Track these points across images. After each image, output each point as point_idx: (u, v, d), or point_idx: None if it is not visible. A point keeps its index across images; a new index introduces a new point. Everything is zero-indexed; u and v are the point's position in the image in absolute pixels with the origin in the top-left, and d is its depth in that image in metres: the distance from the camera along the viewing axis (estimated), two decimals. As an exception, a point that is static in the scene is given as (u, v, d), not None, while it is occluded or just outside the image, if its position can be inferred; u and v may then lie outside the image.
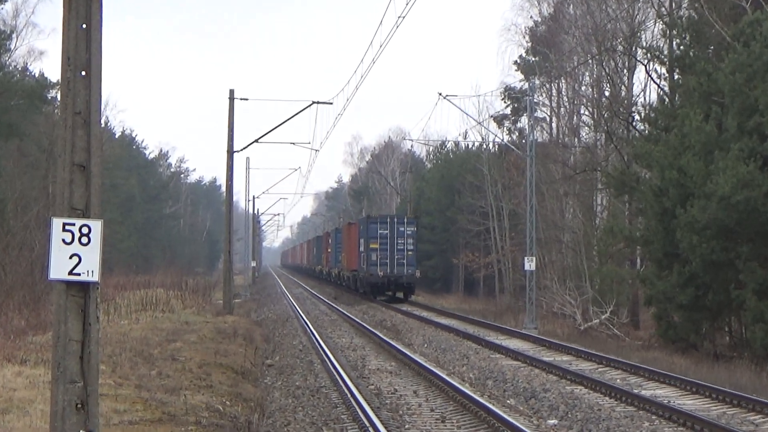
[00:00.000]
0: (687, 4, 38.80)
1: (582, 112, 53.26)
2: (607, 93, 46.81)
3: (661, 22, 40.46)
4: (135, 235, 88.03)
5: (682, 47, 35.44)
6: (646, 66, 42.37)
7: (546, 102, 59.23)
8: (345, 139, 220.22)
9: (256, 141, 44.69)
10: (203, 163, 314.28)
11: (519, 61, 62.80)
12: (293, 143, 52.38)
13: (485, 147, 66.35)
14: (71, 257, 8.35)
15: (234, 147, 43.24)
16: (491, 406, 17.41)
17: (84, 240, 8.38)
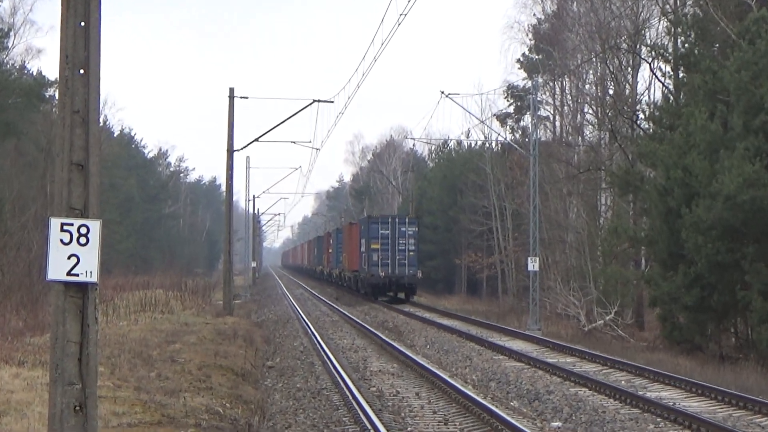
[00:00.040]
0: (692, 1, 38.77)
1: (586, 110, 53.29)
2: (611, 91, 46.79)
3: (666, 19, 40.47)
4: (134, 236, 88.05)
5: (686, 45, 35.41)
6: (650, 64, 42.37)
7: (549, 100, 59.30)
8: (346, 138, 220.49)
9: (256, 140, 44.67)
10: (203, 163, 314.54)
11: (522, 59, 62.80)
12: (294, 142, 52.21)
13: (488, 146, 66.33)
14: (69, 258, 8.34)
15: (234, 146, 43.27)
16: (494, 408, 17.41)
17: (82, 240, 8.37)
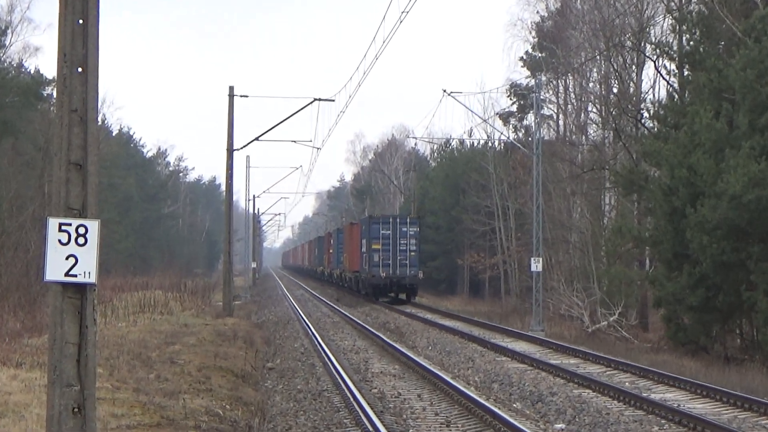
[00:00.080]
0: (697, -2, 38.77)
1: (589, 109, 53.29)
2: (616, 90, 46.80)
3: (671, 17, 40.42)
4: (133, 236, 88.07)
5: (692, 43, 35.41)
6: (655, 62, 42.39)
7: (553, 99, 59.31)
8: (347, 137, 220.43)
9: (256, 139, 44.66)
10: (202, 162, 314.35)
11: (525, 57, 62.79)
12: (294, 141, 52.05)
13: (491, 145, 66.33)
14: (67, 258, 8.35)
15: (234, 145, 43.27)
16: (497, 410, 17.41)
17: (80, 240, 8.38)
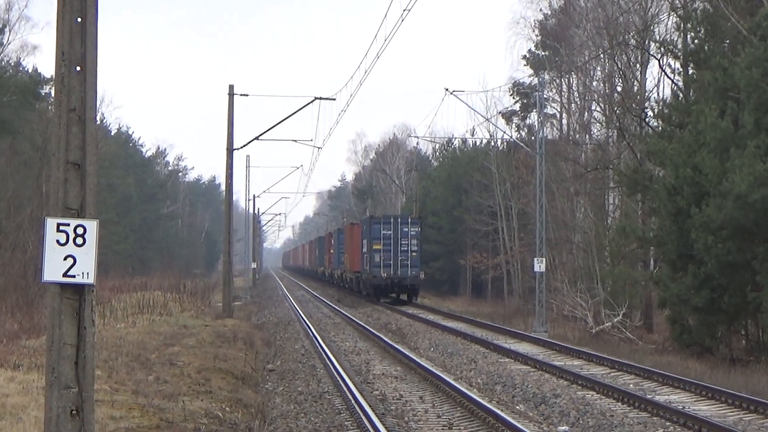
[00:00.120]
0: (702, -4, 38.75)
1: (593, 108, 53.27)
2: (619, 88, 46.79)
3: (675, 14, 40.42)
4: (131, 236, 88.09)
5: (696, 41, 35.38)
6: (659, 60, 42.40)
7: (556, 98, 59.27)
8: (348, 137, 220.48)
9: (256, 138, 44.64)
10: (202, 161, 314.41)
11: (528, 56, 62.83)
12: (295, 141, 51.83)
13: (493, 144, 66.38)
14: (66, 259, 8.35)
15: (234, 144, 43.26)
16: (500, 412, 17.40)
17: (79, 241, 8.38)
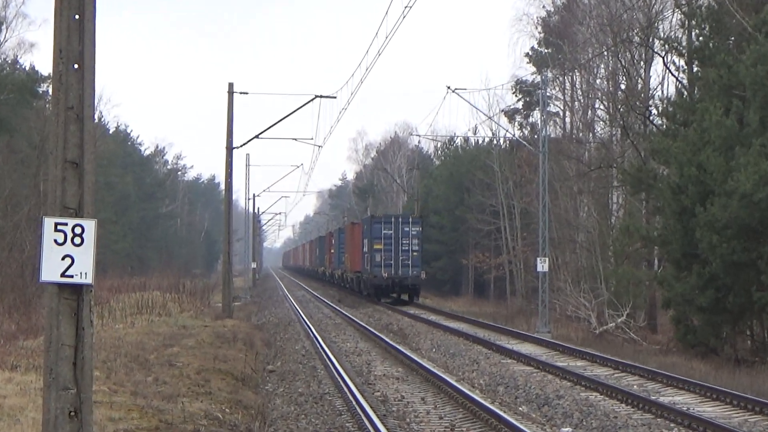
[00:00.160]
0: (707, -8, 38.73)
1: (597, 106, 53.26)
2: (623, 86, 46.77)
3: (680, 11, 40.39)
4: (130, 236, 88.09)
5: (701, 38, 35.37)
6: (663, 58, 42.33)
7: (559, 96, 59.28)
8: (349, 135, 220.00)
9: (256, 137, 44.64)
10: (201, 160, 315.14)
11: (531, 53, 62.77)
12: (295, 139, 51.84)
13: (496, 143, 66.35)
14: (64, 258, 8.35)
15: (233, 143, 43.27)
16: (502, 413, 17.40)
17: (77, 240, 8.38)
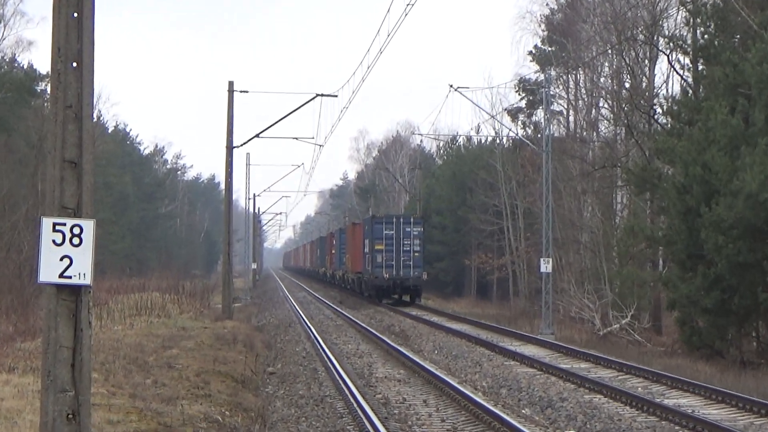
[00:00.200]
0: (712, -10, 38.70)
1: (601, 104, 53.20)
2: (628, 85, 46.74)
3: (685, 9, 40.34)
4: (129, 236, 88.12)
5: (706, 36, 35.35)
6: (668, 56, 42.33)
7: (563, 94, 59.26)
8: (351, 134, 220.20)
9: (256, 136, 44.63)
10: (201, 160, 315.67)
11: (534, 51, 62.72)
12: (296, 138, 51.72)
13: (499, 142, 66.31)
14: (62, 259, 8.35)
15: (233, 142, 43.27)
16: (505, 416, 17.40)
17: (75, 241, 8.38)
